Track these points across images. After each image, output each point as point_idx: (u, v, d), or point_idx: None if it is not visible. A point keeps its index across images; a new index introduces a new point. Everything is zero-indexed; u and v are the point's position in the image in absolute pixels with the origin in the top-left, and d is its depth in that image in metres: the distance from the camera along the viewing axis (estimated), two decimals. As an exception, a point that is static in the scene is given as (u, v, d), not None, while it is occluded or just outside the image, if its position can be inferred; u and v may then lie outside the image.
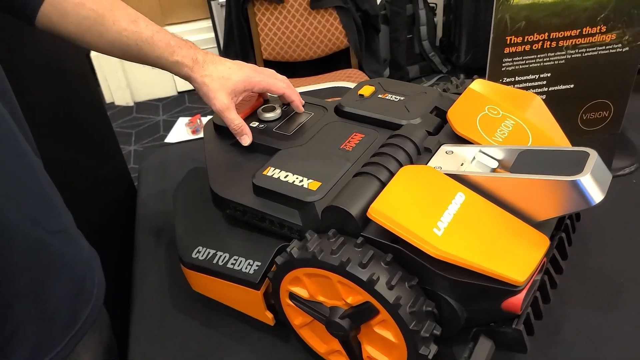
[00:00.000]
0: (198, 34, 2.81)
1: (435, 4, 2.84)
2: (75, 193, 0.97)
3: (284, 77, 0.75)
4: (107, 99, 3.00)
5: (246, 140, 0.69)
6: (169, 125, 2.73)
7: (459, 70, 2.88)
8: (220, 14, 2.62)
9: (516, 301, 0.48)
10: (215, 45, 2.72)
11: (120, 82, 2.93)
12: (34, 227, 0.52)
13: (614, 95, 0.81)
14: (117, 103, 3.01)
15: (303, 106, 0.74)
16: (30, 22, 0.65)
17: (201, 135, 0.78)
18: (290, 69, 2.14)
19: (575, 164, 0.49)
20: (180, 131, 2.55)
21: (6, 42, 0.81)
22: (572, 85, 0.80)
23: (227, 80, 0.69)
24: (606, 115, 0.83)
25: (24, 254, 0.51)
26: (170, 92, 3.03)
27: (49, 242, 0.54)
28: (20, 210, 0.50)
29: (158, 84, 2.98)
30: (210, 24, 2.70)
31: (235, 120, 0.69)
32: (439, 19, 2.92)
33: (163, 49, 0.68)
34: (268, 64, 2.09)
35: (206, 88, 0.69)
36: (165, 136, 2.65)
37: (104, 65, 2.86)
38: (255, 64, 2.09)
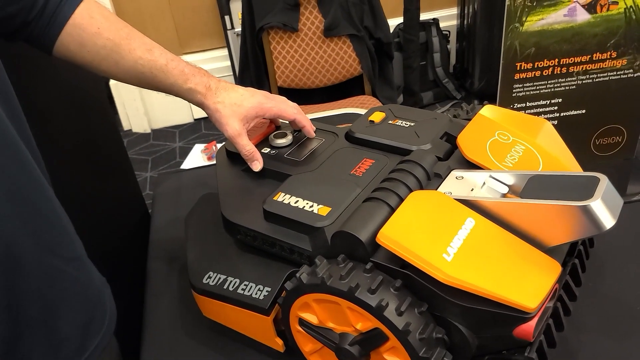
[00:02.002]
0: (214, 63, 2.86)
1: (449, 32, 2.87)
2: (90, 219, 0.98)
3: (295, 104, 0.76)
4: (125, 126, 3.05)
5: (257, 166, 0.70)
6: (185, 152, 2.76)
7: (473, 96, 2.88)
8: (236, 43, 2.67)
9: (528, 328, 0.47)
10: (231, 73, 2.76)
11: (138, 110, 2.98)
12: (49, 255, 0.52)
13: (627, 120, 0.81)
14: (134, 130, 3.05)
15: (314, 132, 0.74)
16: (48, 51, 0.67)
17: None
18: (305, 96, 2.16)
19: (586, 189, 0.49)
20: (196, 157, 2.57)
21: (26, 71, 0.83)
22: (583, 111, 0.80)
23: (239, 107, 0.70)
24: (619, 140, 0.83)
25: (39, 282, 0.51)
26: (186, 119, 3.07)
27: (64, 270, 0.54)
28: (37, 238, 0.50)
29: (175, 111, 3.03)
30: (227, 53, 2.75)
31: (246, 146, 0.70)
32: (452, 45, 2.94)
33: (177, 77, 0.69)
34: (282, 91, 2.12)
35: (219, 114, 0.70)
36: (181, 162, 2.68)
37: (122, 93, 2.92)
38: (270, 91, 2.12)
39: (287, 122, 0.76)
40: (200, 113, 3.05)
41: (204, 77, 0.71)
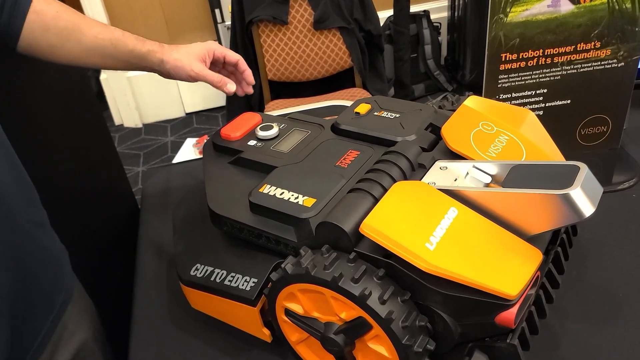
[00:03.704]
0: (205, 56, 2.86)
1: (440, 24, 2.87)
2: (78, 214, 0.98)
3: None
4: (116, 121, 3.04)
5: (232, 87, 0.81)
6: (176, 146, 2.76)
7: (464, 88, 2.89)
8: (226, 36, 2.66)
9: (509, 315, 0.48)
10: (222, 67, 2.76)
11: (129, 105, 2.97)
12: (25, 219, 0.60)
13: (612, 110, 0.81)
14: (125, 125, 3.04)
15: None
16: (13, 44, 0.71)
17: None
18: (295, 89, 2.16)
19: (566, 178, 0.49)
20: (188, 152, 2.58)
21: (13, 67, 0.83)
22: (569, 101, 0.80)
23: (193, 52, 0.80)
24: (605, 130, 0.83)
25: (20, 241, 0.59)
26: (178, 113, 3.07)
27: (34, 233, 0.63)
28: (17, 201, 0.59)
29: (166, 106, 3.02)
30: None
31: (214, 75, 0.80)
32: (443, 37, 2.94)
33: (135, 42, 0.77)
34: (273, 84, 2.12)
35: (179, 63, 0.78)
36: (173, 157, 2.67)
37: (113, 88, 2.90)
38: (261, 84, 2.12)
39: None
40: (192, 107, 3.04)
41: (154, 41, 0.79)
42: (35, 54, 0.73)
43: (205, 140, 0.80)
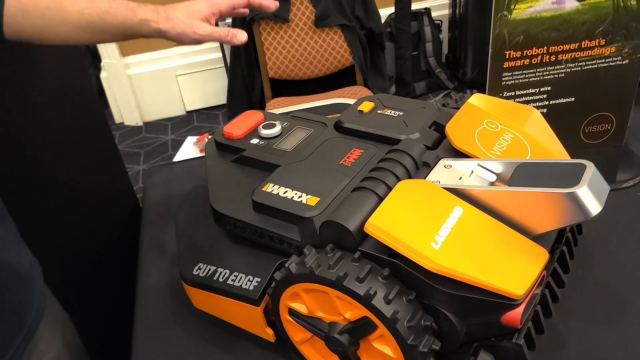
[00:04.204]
0: (205, 54, 2.85)
1: (441, 21, 2.86)
2: (80, 213, 0.98)
3: None
4: (117, 119, 3.03)
5: (242, 36, 0.73)
6: (177, 145, 2.75)
7: (465, 86, 2.88)
8: (227, 34, 2.65)
9: (515, 315, 0.48)
10: (223, 64, 2.75)
11: (130, 103, 2.96)
12: None
13: (616, 107, 0.81)
14: (126, 123, 3.04)
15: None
16: None
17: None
18: (296, 87, 2.16)
19: (572, 176, 0.49)
20: (189, 150, 2.57)
21: (13, 65, 0.83)
22: (573, 99, 0.80)
23: (194, 12, 0.72)
24: (609, 128, 0.83)
25: None
26: (178, 111, 3.06)
27: None
28: None
29: (166, 104, 3.01)
30: (218, 44, 2.74)
31: (220, 31, 0.72)
32: (444, 35, 2.93)
33: (125, 13, 0.70)
34: (274, 82, 2.11)
35: (181, 28, 0.71)
36: (173, 155, 2.67)
37: (114, 86, 2.90)
38: (262, 82, 2.12)
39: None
40: (192, 105, 3.04)
41: (147, 6, 0.72)
42: (24, 39, 0.69)
43: (208, 139, 0.80)
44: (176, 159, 2.51)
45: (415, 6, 2.63)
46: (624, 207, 0.80)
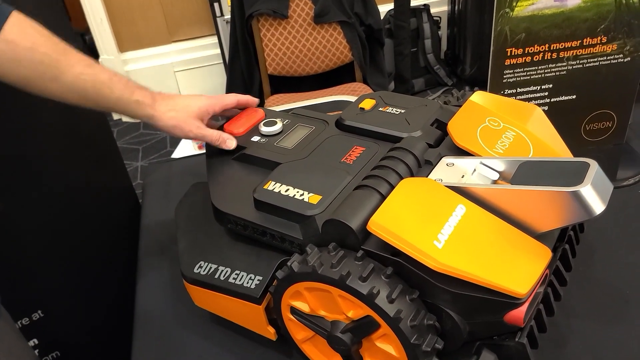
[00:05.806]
0: (204, 50, 2.84)
1: (440, 17, 2.85)
2: (80, 210, 0.98)
3: (232, 93, 0.78)
4: (115, 115, 3.03)
5: (231, 143, 0.72)
6: (175, 141, 2.74)
7: (464, 82, 2.88)
8: (225, 30, 2.64)
9: (518, 314, 0.47)
10: (221, 61, 2.74)
11: (128, 99, 2.95)
12: None
13: (617, 105, 0.81)
14: (124, 119, 3.03)
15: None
16: None
17: (205, 150, 0.78)
18: (295, 83, 2.15)
19: (576, 175, 0.49)
20: (187, 146, 2.55)
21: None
22: (574, 96, 0.80)
23: (191, 107, 0.72)
24: (610, 125, 0.83)
25: None
26: (176, 108, 3.05)
27: None
28: None
29: (165, 100, 3.00)
30: (217, 41, 2.72)
31: (213, 134, 0.72)
32: (443, 32, 2.93)
33: (122, 90, 0.68)
34: (273, 78, 2.10)
35: (175, 121, 0.70)
36: (172, 152, 2.66)
37: (112, 83, 2.89)
38: (260, 78, 2.11)
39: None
40: (190, 102, 3.03)
41: (146, 90, 0.70)
42: (8, 83, 0.65)
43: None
44: (175, 155, 2.50)
45: (414, 2, 2.62)
46: (625, 205, 0.80)
